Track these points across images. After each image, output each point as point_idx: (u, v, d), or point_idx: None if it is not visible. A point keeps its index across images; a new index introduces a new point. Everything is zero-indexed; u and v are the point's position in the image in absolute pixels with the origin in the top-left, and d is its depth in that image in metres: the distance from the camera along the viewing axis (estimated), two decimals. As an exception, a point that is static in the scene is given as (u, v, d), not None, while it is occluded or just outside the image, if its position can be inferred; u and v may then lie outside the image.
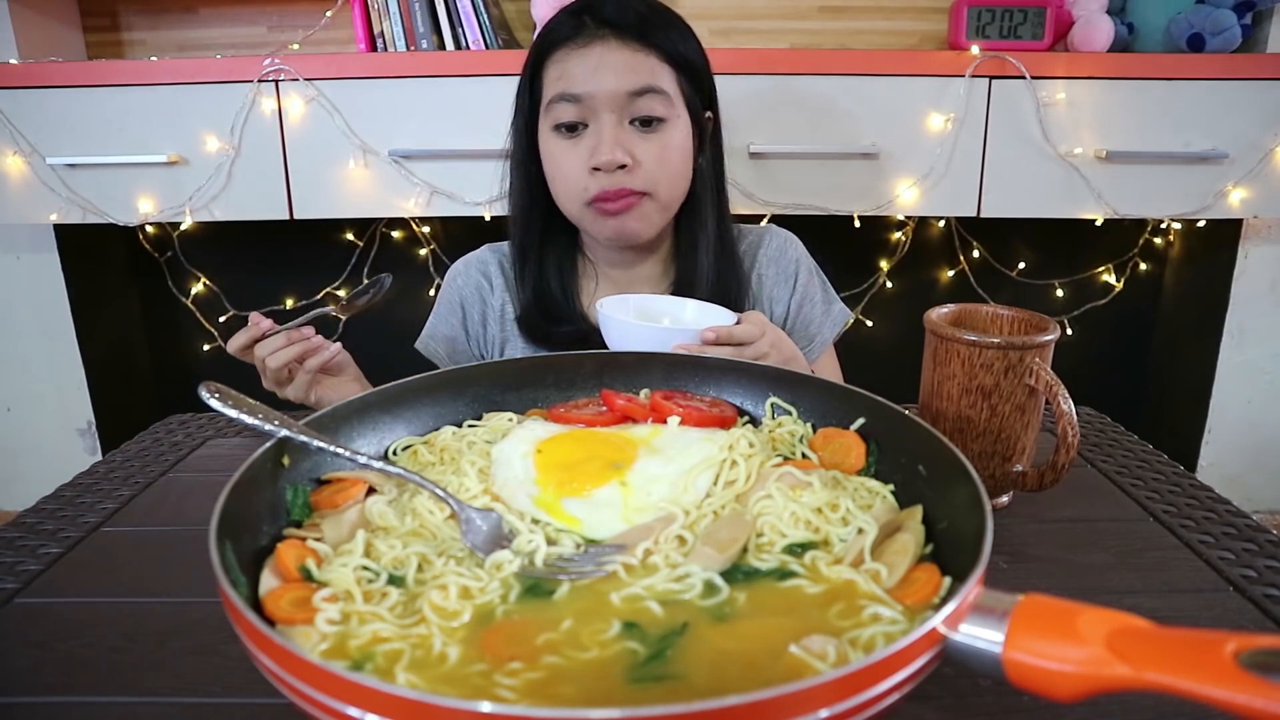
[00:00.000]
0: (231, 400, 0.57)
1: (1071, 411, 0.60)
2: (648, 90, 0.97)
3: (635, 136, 0.99)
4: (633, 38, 0.98)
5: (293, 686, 0.35)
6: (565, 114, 0.99)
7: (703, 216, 1.08)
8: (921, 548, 0.49)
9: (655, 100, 0.98)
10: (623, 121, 0.98)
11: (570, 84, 0.97)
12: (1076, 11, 1.80)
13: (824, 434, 0.63)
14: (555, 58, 0.99)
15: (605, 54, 0.97)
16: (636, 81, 0.97)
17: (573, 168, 1.00)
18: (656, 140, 1.00)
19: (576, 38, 0.98)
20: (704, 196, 1.08)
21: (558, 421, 0.67)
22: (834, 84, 1.72)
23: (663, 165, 1.00)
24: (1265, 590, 0.58)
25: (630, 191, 0.99)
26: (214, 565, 0.40)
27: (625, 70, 0.97)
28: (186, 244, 2.17)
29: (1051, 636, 0.36)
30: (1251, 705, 0.30)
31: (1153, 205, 1.81)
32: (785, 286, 1.16)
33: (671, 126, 1.00)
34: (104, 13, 2.08)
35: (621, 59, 0.97)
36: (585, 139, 0.99)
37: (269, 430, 0.55)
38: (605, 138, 0.97)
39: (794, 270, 1.16)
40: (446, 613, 0.44)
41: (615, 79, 0.96)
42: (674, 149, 1.01)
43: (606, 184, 0.98)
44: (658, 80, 0.98)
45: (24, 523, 0.70)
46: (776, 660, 0.40)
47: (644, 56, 0.98)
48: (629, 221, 1.02)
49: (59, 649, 0.53)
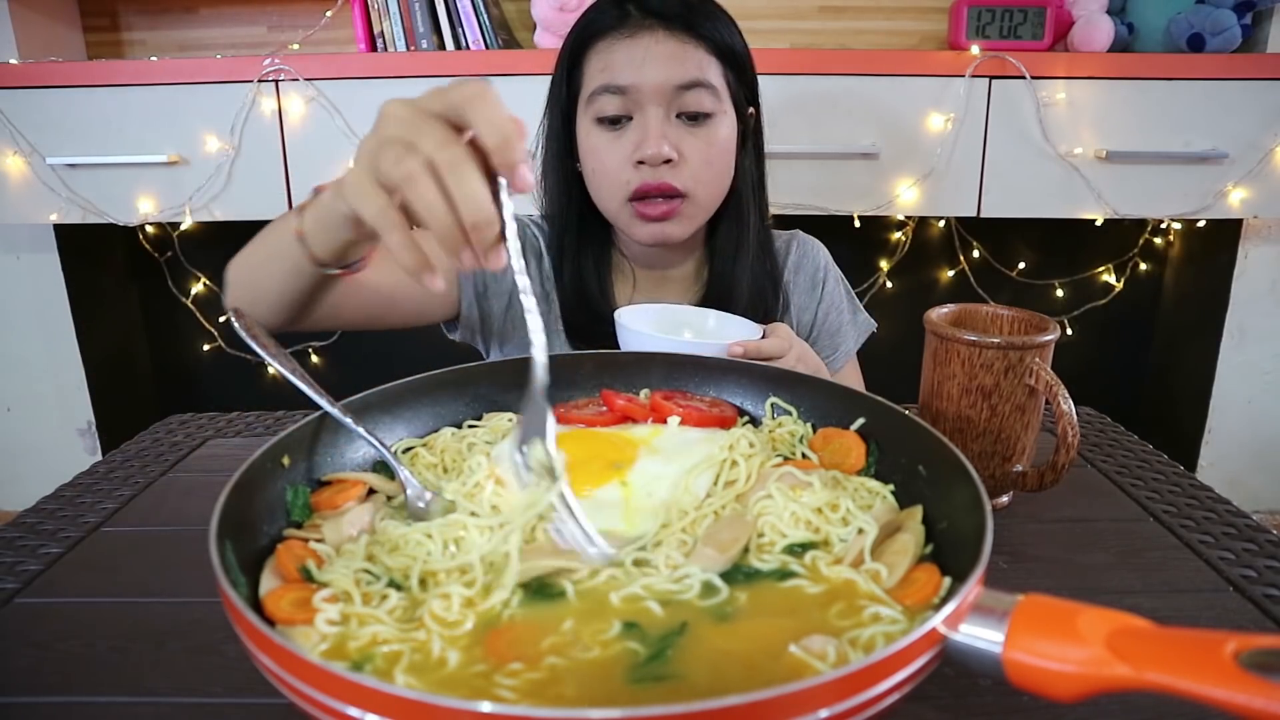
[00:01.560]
0: (259, 337, 0.61)
1: (1071, 411, 0.60)
2: (696, 84, 0.94)
3: (682, 131, 0.96)
4: (680, 28, 0.94)
5: (293, 687, 0.35)
6: (609, 106, 0.95)
7: (745, 216, 1.05)
8: (921, 548, 0.49)
9: (703, 94, 0.95)
10: (669, 115, 0.96)
11: (615, 75, 0.94)
12: (1076, 11, 1.80)
13: (824, 434, 0.63)
14: (598, 48, 0.96)
15: (652, 45, 0.94)
16: (685, 74, 0.94)
17: (615, 161, 0.97)
18: (703, 135, 0.97)
19: (621, 27, 0.95)
20: (745, 195, 1.05)
21: (558, 422, 0.67)
22: (834, 84, 1.72)
23: (708, 164, 0.98)
24: (1265, 590, 0.58)
25: (672, 189, 0.96)
26: (214, 565, 0.40)
27: (673, 62, 0.94)
28: (186, 244, 2.17)
29: (1052, 636, 0.36)
30: (1251, 705, 0.30)
31: (1153, 205, 1.81)
32: (812, 295, 1.13)
33: (718, 122, 0.97)
34: (104, 13, 2.08)
35: (669, 50, 0.94)
36: (629, 132, 0.96)
37: (291, 377, 0.58)
38: (651, 131, 0.94)
39: (821, 278, 1.13)
40: (448, 622, 0.44)
41: (663, 71, 0.93)
42: (719, 145, 0.98)
43: (650, 178, 0.96)
44: (705, 74, 0.95)
45: (24, 523, 0.70)
46: (776, 660, 0.40)
47: (692, 48, 0.95)
48: (668, 227, 0.99)
49: (59, 649, 0.53)
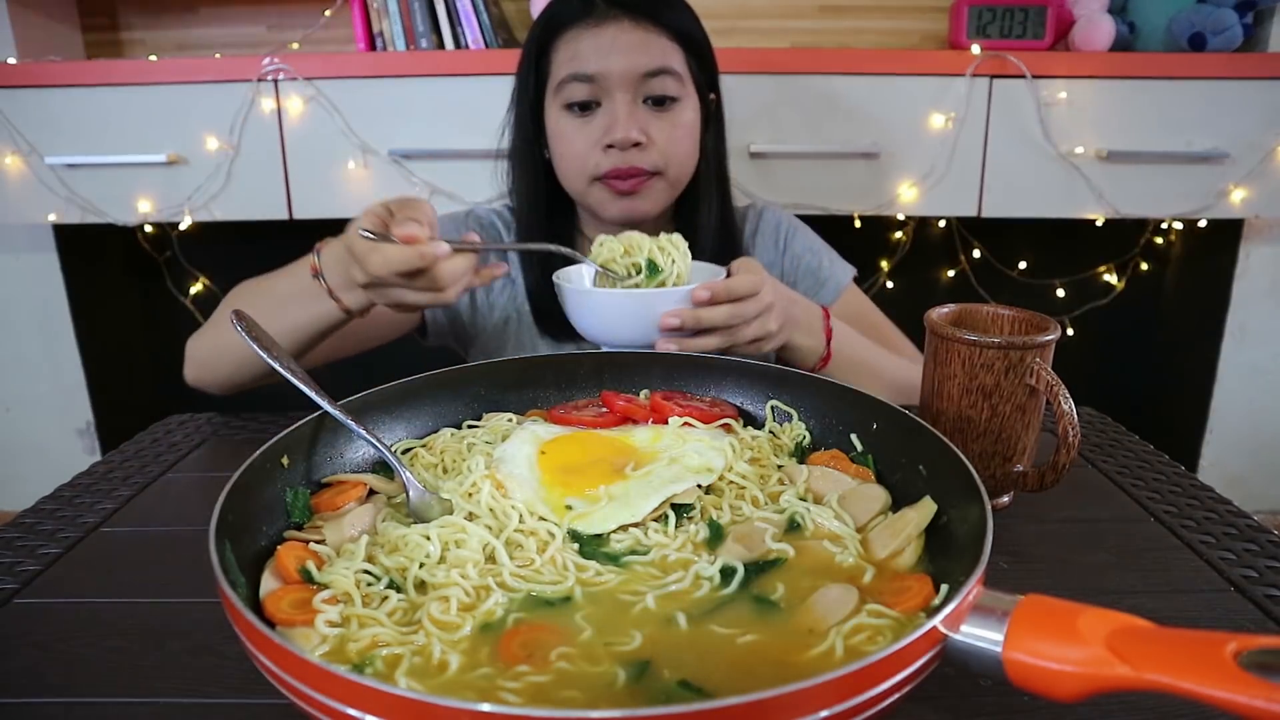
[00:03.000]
0: (256, 335, 0.62)
1: (1072, 411, 0.60)
2: (661, 71, 0.99)
3: (649, 115, 1.00)
4: (644, 17, 0.99)
5: (293, 687, 0.35)
6: (578, 93, 0.99)
7: (706, 196, 1.08)
8: (922, 527, 0.51)
9: (668, 80, 0.99)
10: (636, 100, 1.00)
11: (583, 64, 0.98)
12: (1077, 11, 1.79)
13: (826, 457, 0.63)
14: (565, 38, 1.00)
15: (618, 34, 0.98)
16: (650, 62, 0.98)
17: (584, 145, 1.00)
18: (669, 119, 1.01)
19: (587, 18, 0.99)
20: (708, 175, 1.08)
21: (558, 423, 0.67)
22: (834, 84, 1.72)
23: (675, 144, 1.01)
24: (1266, 590, 0.58)
25: (641, 171, 1.00)
26: (213, 566, 0.40)
27: (639, 50, 0.98)
28: (186, 244, 2.17)
29: (1052, 636, 0.36)
30: (1252, 705, 0.30)
31: (1153, 205, 1.80)
32: (776, 249, 1.16)
33: (683, 106, 1.02)
34: (103, 12, 2.08)
35: (634, 39, 0.98)
36: (598, 117, 1.00)
37: (290, 378, 0.59)
38: (620, 116, 0.98)
39: (784, 232, 1.16)
40: (447, 625, 0.44)
41: (630, 59, 0.97)
42: (685, 127, 1.02)
43: (620, 162, 0.99)
44: (670, 61, 0.99)
45: (23, 523, 0.70)
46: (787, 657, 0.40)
47: (656, 36, 0.99)
48: (638, 202, 1.02)
49: (59, 649, 0.53)
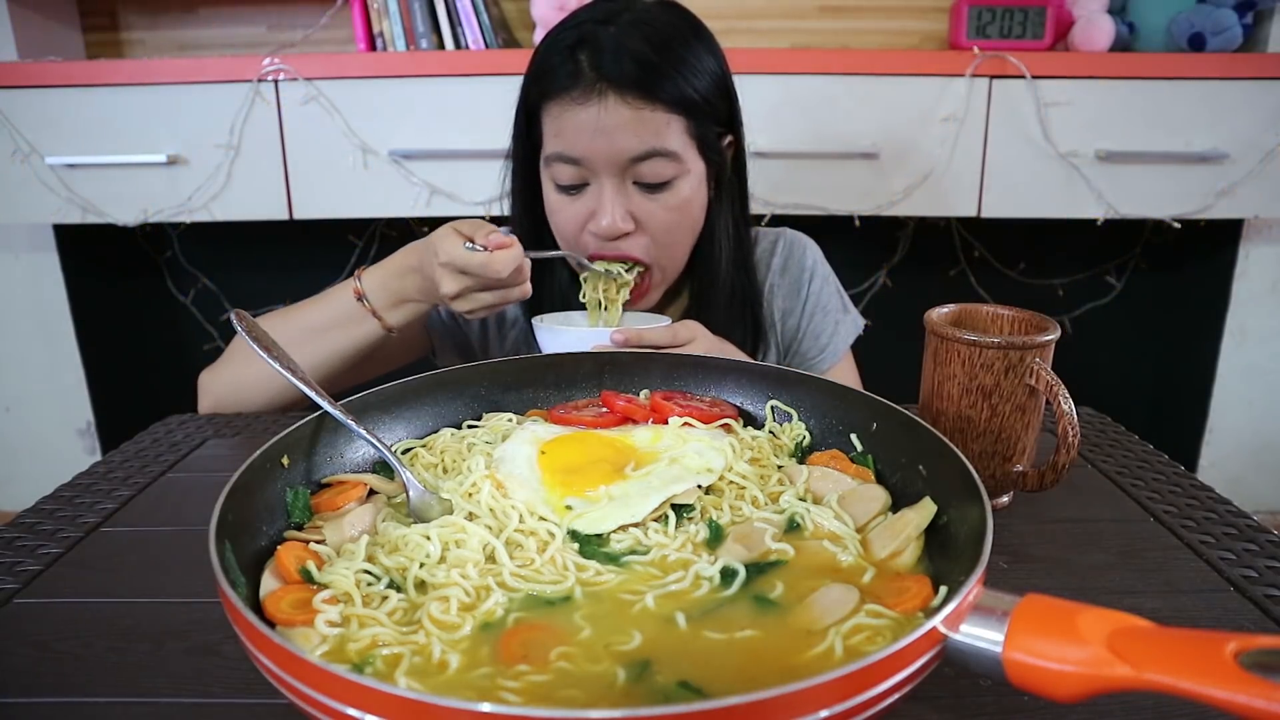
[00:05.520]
0: (257, 335, 0.62)
1: (1072, 411, 0.60)
2: (652, 154, 0.90)
3: (639, 197, 0.93)
4: (634, 94, 0.88)
5: (293, 687, 0.35)
6: (563, 175, 0.93)
7: (717, 252, 1.02)
8: (922, 527, 0.51)
9: (661, 163, 0.91)
10: (625, 182, 0.92)
11: (568, 146, 0.91)
12: (1077, 11, 1.80)
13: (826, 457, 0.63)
14: (550, 110, 0.92)
15: (603, 115, 0.88)
16: (639, 146, 0.89)
17: (573, 225, 0.95)
18: (662, 200, 0.93)
19: (574, 89, 0.89)
20: (719, 226, 1.01)
21: (558, 423, 0.67)
22: (834, 84, 1.72)
23: (668, 230, 0.95)
24: (1266, 590, 0.58)
25: (631, 259, 0.95)
26: (213, 566, 0.40)
27: (627, 133, 0.89)
28: (186, 244, 2.17)
29: (1052, 636, 0.36)
30: (1252, 705, 0.30)
31: (1153, 205, 1.80)
32: (796, 298, 1.10)
33: (680, 183, 0.93)
34: (103, 12, 2.08)
35: (622, 120, 0.88)
36: (585, 197, 0.94)
37: (291, 378, 0.59)
38: (605, 205, 0.92)
39: (807, 279, 1.10)
40: (447, 625, 0.44)
41: (616, 143, 0.89)
42: (680, 205, 0.94)
43: (608, 248, 0.94)
44: (663, 141, 0.90)
45: (23, 523, 0.70)
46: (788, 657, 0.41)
47: (648, 114, 0.89)
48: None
49: (58, 649, 0.53)
